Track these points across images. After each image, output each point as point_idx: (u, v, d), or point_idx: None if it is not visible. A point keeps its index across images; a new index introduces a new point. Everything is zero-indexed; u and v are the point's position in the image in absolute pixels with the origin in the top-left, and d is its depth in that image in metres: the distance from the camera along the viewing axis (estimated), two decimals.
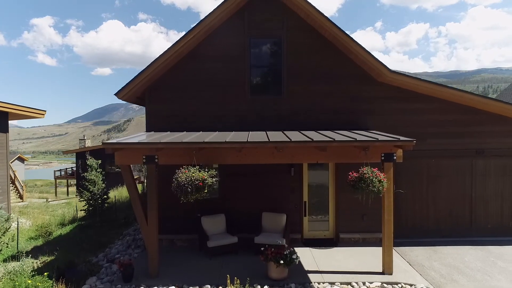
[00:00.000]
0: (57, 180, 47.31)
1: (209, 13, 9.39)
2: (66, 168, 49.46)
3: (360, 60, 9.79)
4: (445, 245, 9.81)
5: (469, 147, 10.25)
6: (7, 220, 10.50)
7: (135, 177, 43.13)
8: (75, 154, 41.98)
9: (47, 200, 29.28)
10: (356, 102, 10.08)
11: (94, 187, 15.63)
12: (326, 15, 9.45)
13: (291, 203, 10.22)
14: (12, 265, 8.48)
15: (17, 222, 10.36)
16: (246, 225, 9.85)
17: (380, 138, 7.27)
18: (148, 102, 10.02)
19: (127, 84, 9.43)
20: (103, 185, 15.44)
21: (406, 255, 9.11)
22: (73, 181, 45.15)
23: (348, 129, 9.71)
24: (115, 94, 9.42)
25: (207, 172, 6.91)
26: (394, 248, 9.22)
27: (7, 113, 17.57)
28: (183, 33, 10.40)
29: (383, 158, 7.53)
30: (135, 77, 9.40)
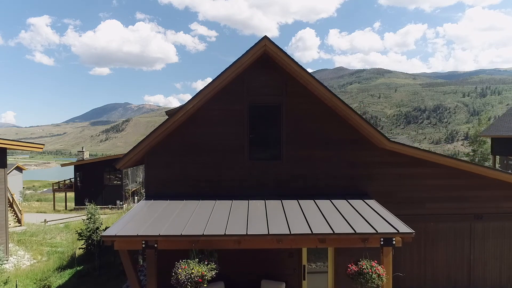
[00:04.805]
0: (56, 185, 47.19)
1: (209, 84, 9.39)
2: (65, 180, 49.39)
3: (359, 127, 9.80)
4: None
5: (467, 211, 10.28)
6: (6, 283, 10.46)
7: (132, 190, 42.74)
8: (73, 161, 42.07)
9: (45, 221, 29.18)
10: (355, 168, 10.09)
11: (93, 224, 15.66)
12: (323, 77, 9.44)
13: (290, 268, 10.22)
14: None
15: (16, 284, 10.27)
16: None
17: (380, 229, 7.28)
18: (147, 167, 10.01)
19: (126, 154, 9.44)
20: (101, 227, 15.44)
21: None
22: (73, 181, 44.99)
23: (347, 195, 9.75)
24: (114, 164, 9.41)
25: (207, 266, 6.95)
26: None
27: (5, 149, 17.54)
28: (181, 32, 10.40)
29: (382, 243, 7.54)
30: (133, 147, 9.41)
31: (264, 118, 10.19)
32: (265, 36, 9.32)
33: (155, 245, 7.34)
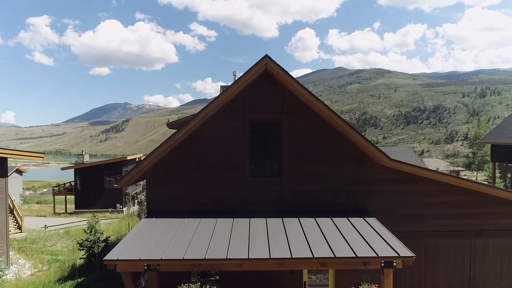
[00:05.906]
0: (56, 188, 47.21)
1: (210, 102, 9.44)
2: (65, 183, 49.43)
3: (359, 144, 9.83)
4: None
5: (467, 228, 10.31)
6: None
7: (132, 193, 42.69)
8: (73, 161, 42.15)
9: (45, 227, 29.21)
10: (356, 184, 10.12)
11: (94, 235, 15.74)
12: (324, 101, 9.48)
13: (291, 284, 10.25)
14: None
15: None
16: None
17: (380, 252, 7.33)
18: (149, 185, 10.04)
19: (128, 173, 9.48)
20: (102, 237, 15.51)
21: None
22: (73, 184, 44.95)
23: (347, 212, 9.80)
24: (117, 184, 9.44)
25: None
26: None
27: (5, 158, 17.56)
28: (181, 32, 10.43)
29: (383, 264, 7.58)
30: (135, 166, 9.45)
31: (265, 135, 10.23)
32: (266, 55, 9.38)
33: (157, 268, 7.38)
